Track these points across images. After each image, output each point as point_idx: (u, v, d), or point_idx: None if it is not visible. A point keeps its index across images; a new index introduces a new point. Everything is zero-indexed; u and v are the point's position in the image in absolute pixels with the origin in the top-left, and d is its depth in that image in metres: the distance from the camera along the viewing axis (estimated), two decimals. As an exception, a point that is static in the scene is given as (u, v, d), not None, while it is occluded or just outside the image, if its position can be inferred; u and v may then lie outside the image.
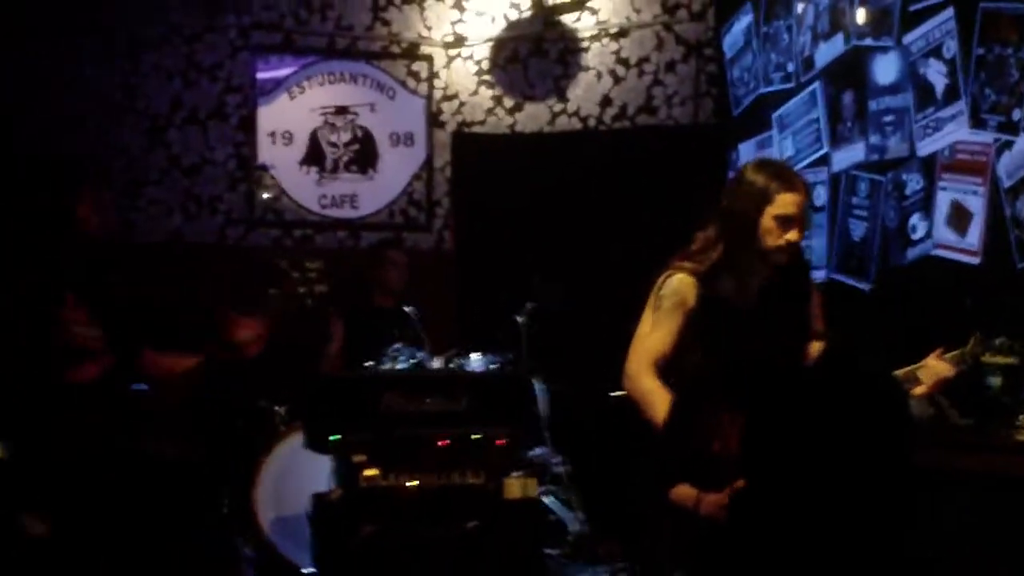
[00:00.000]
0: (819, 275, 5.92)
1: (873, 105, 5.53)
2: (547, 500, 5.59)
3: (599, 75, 7.72)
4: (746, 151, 6.79)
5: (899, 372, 3.79)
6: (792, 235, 3.89)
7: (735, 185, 4.02)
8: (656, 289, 4.01)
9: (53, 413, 3.82)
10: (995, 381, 4.29)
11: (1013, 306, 4.23)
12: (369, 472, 4.63)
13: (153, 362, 4.20)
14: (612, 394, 5.96)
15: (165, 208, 7.41)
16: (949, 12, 4.98)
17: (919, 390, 3.75)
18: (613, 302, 6.88)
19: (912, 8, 5.25)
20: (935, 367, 3.76)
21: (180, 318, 5.79)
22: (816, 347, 3.19)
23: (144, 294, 4.53)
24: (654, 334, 3.94)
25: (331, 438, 4.69)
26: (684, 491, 3.22)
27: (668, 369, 3.90)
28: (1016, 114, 4.60)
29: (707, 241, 4.00)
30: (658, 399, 3.78)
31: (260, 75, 7.57)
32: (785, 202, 3.90)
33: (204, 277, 7.02)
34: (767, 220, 3.89)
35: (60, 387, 3.86)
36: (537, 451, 5.75)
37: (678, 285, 3.95)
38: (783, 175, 3.99)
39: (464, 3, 7.70)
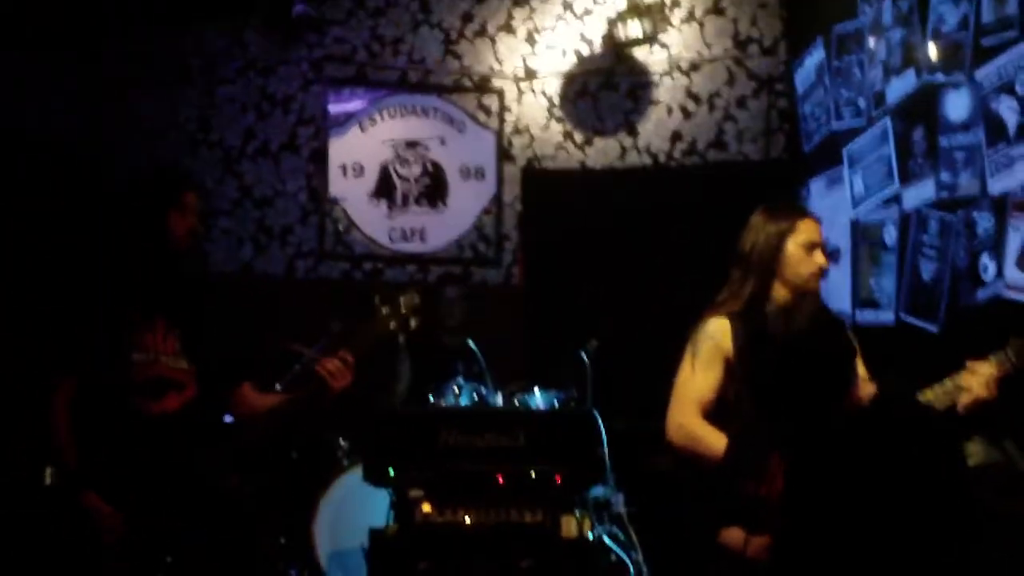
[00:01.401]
0: (887, 316, 5.83)
1: (944, 142, 5.44)
2: (607, 540, 5.54)
3: (669, 110, 7.69)
4: (817, 188, 6.72)
5: (944, 382, 3.74)
6: (822, 259, 3.96)
7: (752, 229, 4.06)
8: (692, 336, 4.02)
9: (127, 443, 3.83)
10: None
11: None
12: (425, 508, 4.60)
13: (246, 398, 4.22)
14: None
15: (236, 239, 7.49)
16: (1022, 47, 4.89)
17: (965, 398, 3.68)
18: (682, 341, 6.88)
19: (984, 43, 5.16)
20: (980, 369, 3.70)
21: (266, 353, 5.87)
22: (868, 388, 3.14)
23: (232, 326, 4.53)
24: (695, 379, 3.95)
25: (388, 472, 4.67)
26: (733, 533, 3.20)
27: (711, 414, 3.89)
28: (1088, 152, 4.50)
29: (734, 284, 4.02)
30: (713, 439, 3.76)
31: (332, 108, 7.65)
32: (809, 229, 3.99)
33: (272, 309, 7.07)
34: (794, 249, 3.94)
35: (138, 417, 3.88)
36: (599, 490, 5.70)
37: (712, 329, 3.98)
38: (798, 208, 4.18)
39: (535, 37, 7.73)
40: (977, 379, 3.70)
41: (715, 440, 3.72)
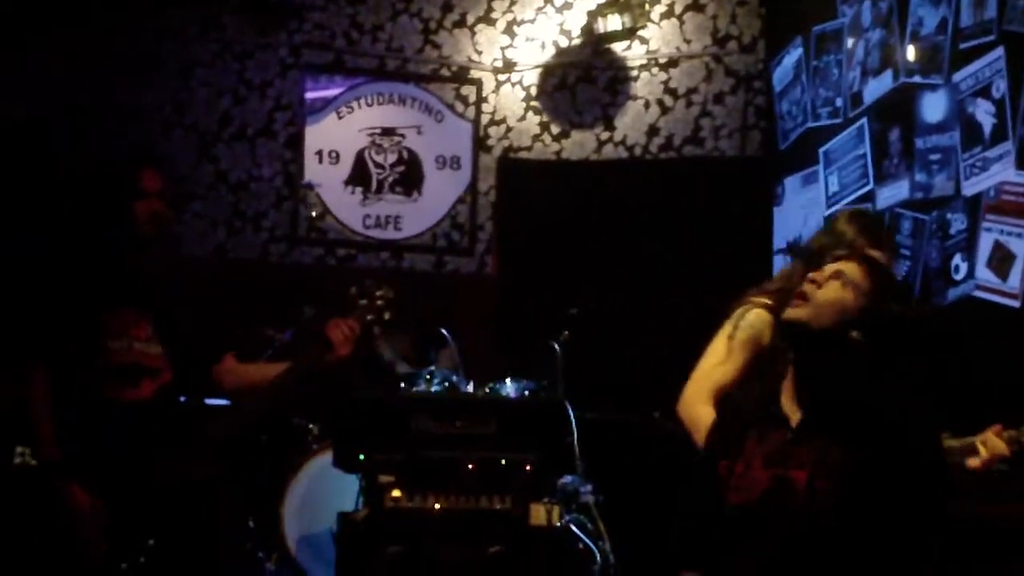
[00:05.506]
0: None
1: (920, 143, 5.48)
2: (574, 528, 5.56)
3: (647, 104, 7.70)
4: (792, 185, 6.75)
5: (957, 441, 3.76)
6: None
7: (825, 229, 4.04)
8: (733, 320, 3.94)
9: (103, 431, 3.81)
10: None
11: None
12: (395, 493, 4.60)
13: (237, 370, 4.20)
14: (655, 415, 5.97)
15: (210, 223, 7.47)
16: (999, 51, 4.93)
17: (974, 462, 3.70)
18: (654, 332, 6.92)
19: (962, 46, 5.20)
20: (994, 443, 3.71)
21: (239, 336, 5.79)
22: None
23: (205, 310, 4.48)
24: (723, 366, 3.87)
25: (359, 457, 4.68)
26: None
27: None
28: (1063, 156, 4.55)
29: (788, 280, 3.96)
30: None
31: (309, 94, 7.62)
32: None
33: (245, 293, 7.05)
34: None
35: (112, 404, 3.85)
36: (567, 479, 5.71)
37: (755, 320, 3.90)
38: (871, 230, 4.02)
39: (514, 28, 7.72)
40: (989, 450, 3.70)
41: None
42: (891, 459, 2.96)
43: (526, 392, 5.79)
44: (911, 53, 5.62)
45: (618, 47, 7.68)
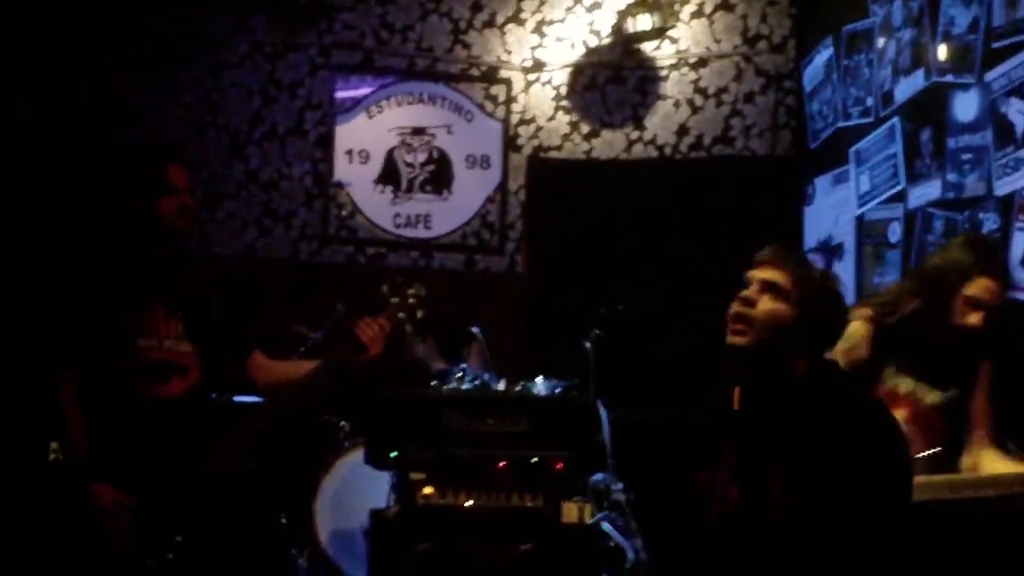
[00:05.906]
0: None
1: (951, 143, 5.46)
2: (606, 526, 5.56)
3: (677, 104, 7.70)
4: (822, 185, 6.75)
5: None
6: (975, 319, 3.89)
7: (944, 250, 4.03)
8: None
9: (132, 429, 3.83)
10: None
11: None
12: (427, 490, 4.62)
13: (264, 367, 4.22)
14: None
15: (240, 222, 7.51)
16: (1032, 50, 4.92)
17: None
18: (684, 331, 6.92)
19: (994, 46, 5.18)
20: None
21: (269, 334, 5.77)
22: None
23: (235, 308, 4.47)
24: None
25: (391, 455, 4.69)
26: None
27: None
28: (1096, 155, 4.52)
29: (899, 294, 3.97)
30: None
31: (339, 93, 7.65)
32: (981, 286, 3.91)
33: (276, 292, 7.09)
34: (960, 297, 3.89)
35: (141, 403, 3.87)
36: (599, 477, 5.72)
37: (852, 332, 3.89)
38: (989, 258, 4.03)
39: (544, 28, 7.74)
40: None
41: None
42: (847, 462, 2.95)
43: (557, 390, 5.80)
44: (943, 52, 5.60)
45: (648, 47, 7.68)
